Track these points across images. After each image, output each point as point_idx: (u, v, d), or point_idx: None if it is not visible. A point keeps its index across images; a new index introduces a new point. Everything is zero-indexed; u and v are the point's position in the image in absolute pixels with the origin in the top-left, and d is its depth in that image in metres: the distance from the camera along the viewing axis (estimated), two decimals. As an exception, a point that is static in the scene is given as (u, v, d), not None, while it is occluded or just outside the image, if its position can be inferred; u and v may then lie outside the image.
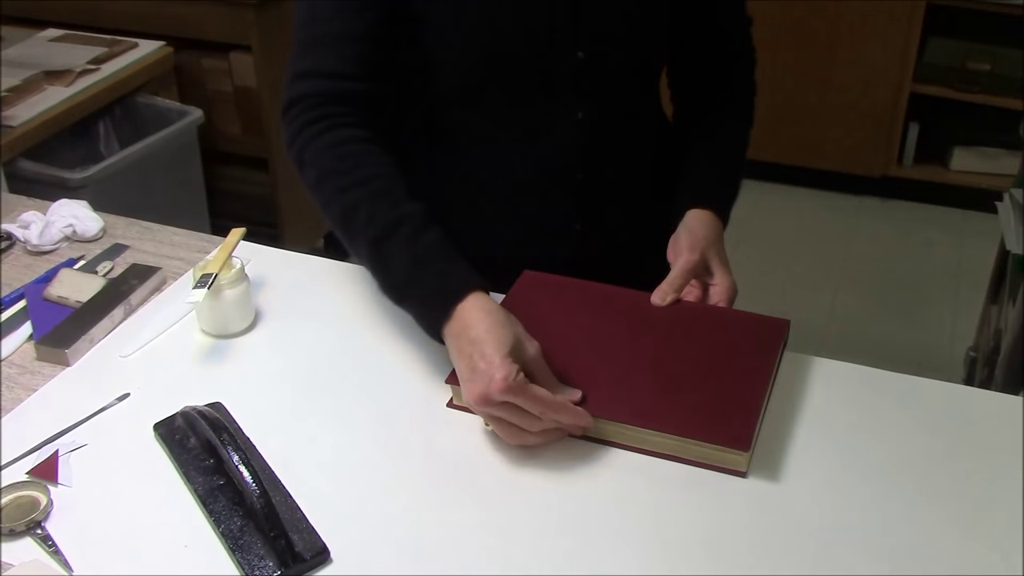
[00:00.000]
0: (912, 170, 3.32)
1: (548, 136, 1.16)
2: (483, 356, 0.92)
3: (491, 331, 0.94)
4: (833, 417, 1.01)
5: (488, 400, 0.92)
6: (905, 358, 2.66)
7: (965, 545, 0.87)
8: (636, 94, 1.22)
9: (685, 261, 1.12)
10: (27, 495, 0.91)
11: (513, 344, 0.94)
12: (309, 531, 0.87)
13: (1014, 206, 2.04)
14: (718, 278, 1.14)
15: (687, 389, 1.00)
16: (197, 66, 2.56)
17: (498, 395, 0.91)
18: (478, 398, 0.92)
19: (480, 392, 0.92)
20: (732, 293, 1.14)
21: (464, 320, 0.96)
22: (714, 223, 1.18)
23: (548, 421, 0.94)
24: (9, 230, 1.31)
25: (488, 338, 0.93)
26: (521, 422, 0.94)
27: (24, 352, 1.12)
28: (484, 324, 0.95)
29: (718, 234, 1.17)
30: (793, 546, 0.87)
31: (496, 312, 0.96)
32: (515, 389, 0.91)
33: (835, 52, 3.12)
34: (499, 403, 0.92)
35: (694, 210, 1.18)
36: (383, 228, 1.02)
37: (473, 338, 0.94)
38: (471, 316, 0.96)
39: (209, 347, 1.12)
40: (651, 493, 0.92)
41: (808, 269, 3.02)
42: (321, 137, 1.08)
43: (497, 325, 0.95)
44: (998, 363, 1.96)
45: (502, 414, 0.93)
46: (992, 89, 3.10)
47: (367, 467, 0.95)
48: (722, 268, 1.15)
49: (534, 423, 0.94)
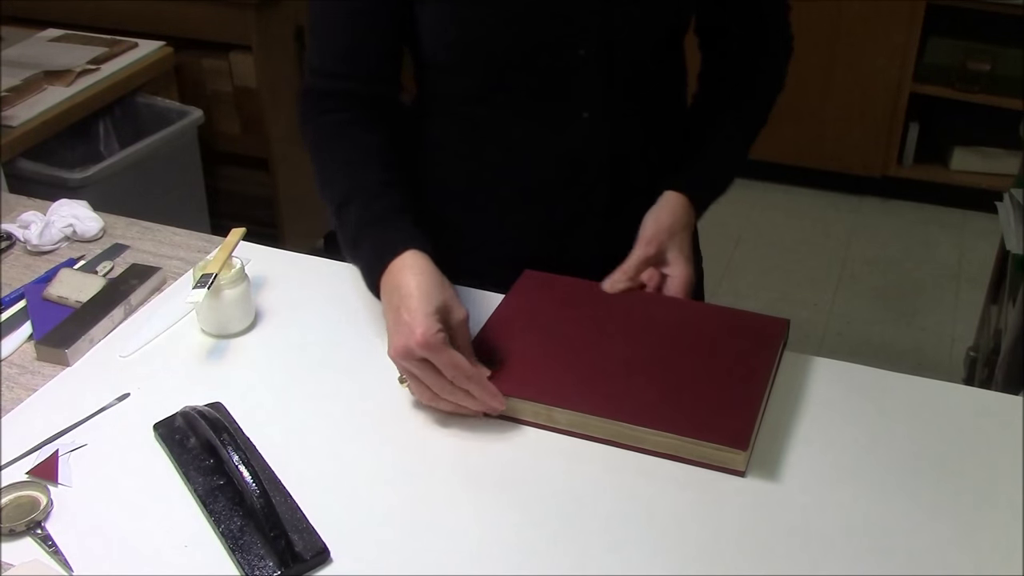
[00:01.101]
0: (912, 170, 3.32)
1: (556, 134, 1.16)
2: (408, 310, 0.96)
3: (420, 287, 0.98)
4: (832, 417, 1.01)
5: (407, 353, 0.95)
6: (905, 358, 2.66)
7: (965, 545, 0.87)
8: (644, 91, 1.20)
9: (642, 253, 1.13)
10: (27, 495, 0.91)
11: (440, 304, 0.97)
12: (309, 531, 0.87)
13: (1014, 206, 2.04)
14: (674, 269, 1.14)
15: (686, 388, 1.00)
16: (197, 66, 2.56)
17: (417, 349, 0.94)
18: (398, 350, 0.95)
19: (401, 344, 0.95)
20: (688, 286, 1.14)
21: (397, 276, 1.00)
22: (685, 210, 1.16)
23: (459, 389, 0.96)
24: (9, 230, 1.31)
25: (417, 293, 0.97)
26: (434, 383, 0.96)
27: (24, 352, 1.12)
28: (415, 280, 0.98)
29: (685, 223, 1.16)
30: (791, 546, 0.87)
31: (430, 272, 1.00)
32: (433, 346, 0.94)
33: (835, 52, 3.12)
34: (417, 359, 0.95)
35: (670, 192, 1.17)
36: (344, 195, 1.09)
37: (403, 293, 0.98)
38: (405, 272, 1.00)
39: (209, 347, 1.12)
40: (649, 492, 0.92)
41: (808, 269, 3.02)
42: (316, 120, 1.16)
43: (428, 284, 0.98)
44: (998, 363, 1.96)
45: (417, 371, 0.96)
46: (992, 89, 3.10)
47: (367, 467, 0.95)
48: (680, 259, 1.14)
49: (445, 387, 0.96)
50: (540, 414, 0.99)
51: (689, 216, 1.17)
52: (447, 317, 0.97)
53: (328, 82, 1.15)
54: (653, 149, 1.23)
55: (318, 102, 1.16)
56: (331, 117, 1.14)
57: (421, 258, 1.01)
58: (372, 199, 1.08)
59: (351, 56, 1.14)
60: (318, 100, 1.16)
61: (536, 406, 0.99)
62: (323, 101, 1.15)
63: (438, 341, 0.94)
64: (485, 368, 0.99)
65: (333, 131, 1.14)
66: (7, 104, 2.13)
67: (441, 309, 0.97)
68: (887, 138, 3.25)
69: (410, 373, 0.97)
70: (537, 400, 0.99)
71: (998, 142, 3.23)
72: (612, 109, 1.16)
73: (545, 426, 1.00)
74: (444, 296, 0.98)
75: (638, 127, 1.20)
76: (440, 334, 0.95)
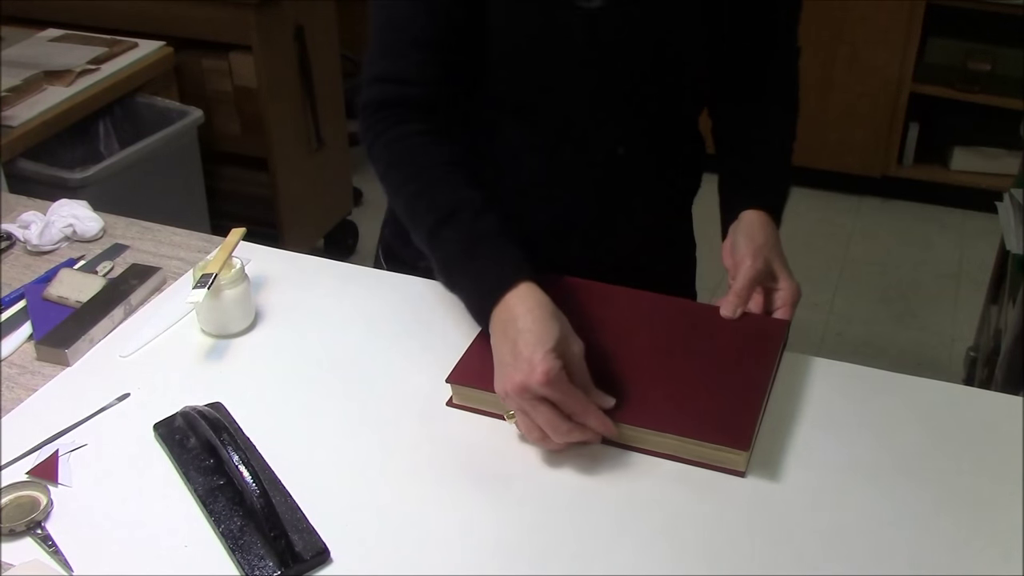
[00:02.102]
0: (912, 170, 3.32)
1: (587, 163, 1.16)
2: (527, 345, 0.92)
3: (539, 322, 0.94)
4: (832, 417, 1.01)
5: (526, 390, 0.91)
6: (905, 358, 2.66)
7: (965, 545, 0.87)
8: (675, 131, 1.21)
9: (750, 269, 1.10)
10: (27, 495, 0.91)
11: (559, 339, 0.93)
12: (309, 531, 0.87)
13: (1014, 206, 2.04)
14: (783, 283, 1.13)
15: (686, 389, 1.00)
16: (197, 66, 2.56)
17: (537, 387, 0.90)
18: (517, 387, 0.91)
19: (520, 381, 0.91)
20: (797, 297, 1.13)
21: (513, 308, 0.96)
22: (771, 225, 1.16)
23: (575, 424, 0.93)
24: (9, 230, 1.31)
25: (536, 328, 0.93)
26: (548, 422, 0.92)
27: (24, 352, 1.12)
28: (533, 315, 0.94)
29: (776, 237, 1.16)
30: (791, 546, 0.87)
31: (546, 305, 0.96)
32: (555, 384, 0.91)
33: (835, 52, 3.12)
34: (534, 396, 0.91)
35: (749, 211, 1.16)
36: (440, 213, 1.03)
37: (520, 327, 0.94)
38: (521, 305, 0.95)
39: (209, 347, 1.12)
40: (650, 492, 0.92)
41: (808, 269, 3.02)
42: (387, 133, 1.09)
43: (546, 317, 0.94)
44: (998, 363, 1.96)
45: (530, 408, 0.92)
46: (992, 89, 3.10)
47: (367, 467, 0.95)
48: (785, 272, 1.14)
49: (561, 425, 0.93)
50: (540, 414, 0.99)
51: (775, 230, 1.17)
52: (565, 352, 0.93)
53: (395, 89, 1.09)
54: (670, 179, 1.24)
55: (388, 113, 1.09)
56: (401, 130, 1.09)
57: (536, 290, 0.97)
58: (472, 219, 1.03)
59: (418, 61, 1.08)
60: (388, 111, 1.09)
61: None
62: (391, 111, 1.09)
63: (559, 379, 0.91)
64: (607, 396, 0.96)
65: (413, 143, 1.08)
66: (7, 104, 2.13)
67: (560, 343, 0.93)
68: (887, 138, 3.25)
69: (522, 411, 0.94)
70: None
71: (998, 142, 3.23)
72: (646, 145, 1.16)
73: (545, 426, 1.00)
74: (562, 328, 0.94)
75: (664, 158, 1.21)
76: (562, 371, 0.91)
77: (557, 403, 0.92)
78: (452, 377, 1.02)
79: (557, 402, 0.92)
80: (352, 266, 1.26)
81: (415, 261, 1.22)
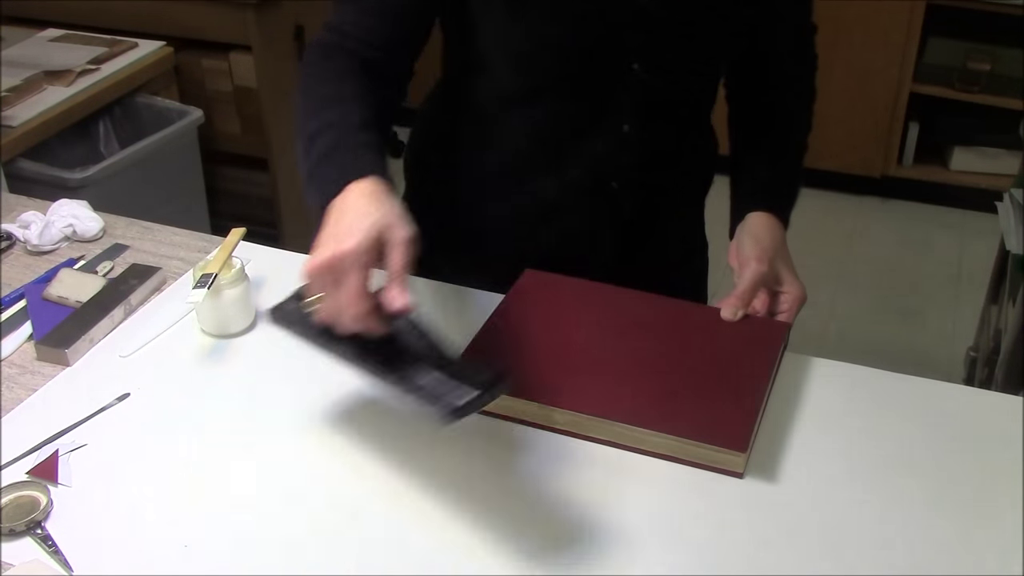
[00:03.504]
0: (912, 170, 3.32)
1: (593, 141, 1.15)
2: (345, 223, 0.88)
3: (365, 203, 0.90)
4: (832, 417, 1.01)
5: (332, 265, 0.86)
6: (905, 358, 2.66)
7: (965, 545, 0.87)
8: (685, 115, 1.21)
9: (754, 272, 1.10)
10: (27, 495, 0.91)
11: (378, 219, 0.88)
12: (477, 363, 0.86)
13: (1014, 206, 2.04)
14: (788, 286, 1.13)
15: (685, 390, 1.00)
16: (197, 66, 2.56)
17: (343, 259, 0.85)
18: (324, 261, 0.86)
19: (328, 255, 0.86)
20: (801, 301, 1.13)
21: (347, 196, 0.92)
22: (777, 228, 1.16)
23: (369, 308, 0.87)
24: (9, 230, 1.31)
25: (359, 207, 0.90)
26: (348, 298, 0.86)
27: (24, 352, 1.12)
28: (363, 199, 0.91)
29: (782, 240, 1.16)
30: (790, 547, 0.87)
31: (379, 193, 0.92)
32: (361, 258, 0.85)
33: (835, 52, 3.12)
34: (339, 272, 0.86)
35: (756, 213, 1.16)
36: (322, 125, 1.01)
37: (345, 208, 0.91)
38: (354, 192, 0.92)
39: (209, 347, 1.12)
40: (648, 493, 0.92)
41: (808, 269, 3.01)
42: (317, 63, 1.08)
43: (374, 200, 0.90)
44: (998, 363, 1.96)
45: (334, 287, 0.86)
46: (992, 89, 3.10)
47: (366, 466, 0.95)
48: (791, 276, 1.14)
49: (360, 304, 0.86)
50: (539, 414, 0.99)
51: (782, 233, 1.16)
52: (384, 232, 0.88)
53: (342, 39, 1.08)
54: (678, 166, 1.23)
55: (327, 51, 1.08)
56: (336, 63, 1.07)
57: (378, 183, 0.93)
58: (350, 130, 1.00)
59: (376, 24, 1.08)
60: (327, 49, 1.08)
61: (535, 406, 0.99)
62: (332, 51, 1.08)
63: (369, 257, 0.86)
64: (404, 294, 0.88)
65: (334, 72, 1.06)
66: (7, 104, 2.13)
67: (379, 223, 0.88)
68: (887, 138, 3.25)
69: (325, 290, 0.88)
70: (536, 400, 0.99)
71: (998, 142, 3.23)
72: (650, 124, 1.15)
73: (544, 426, 1.00)
74: (387, 212, 0.89)
75: (670, 144, 1.20)
76: (372, 250, 0.86)
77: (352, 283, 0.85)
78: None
79: (353, 282, 0.85)
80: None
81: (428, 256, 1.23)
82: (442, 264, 1.20)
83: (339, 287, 0.86)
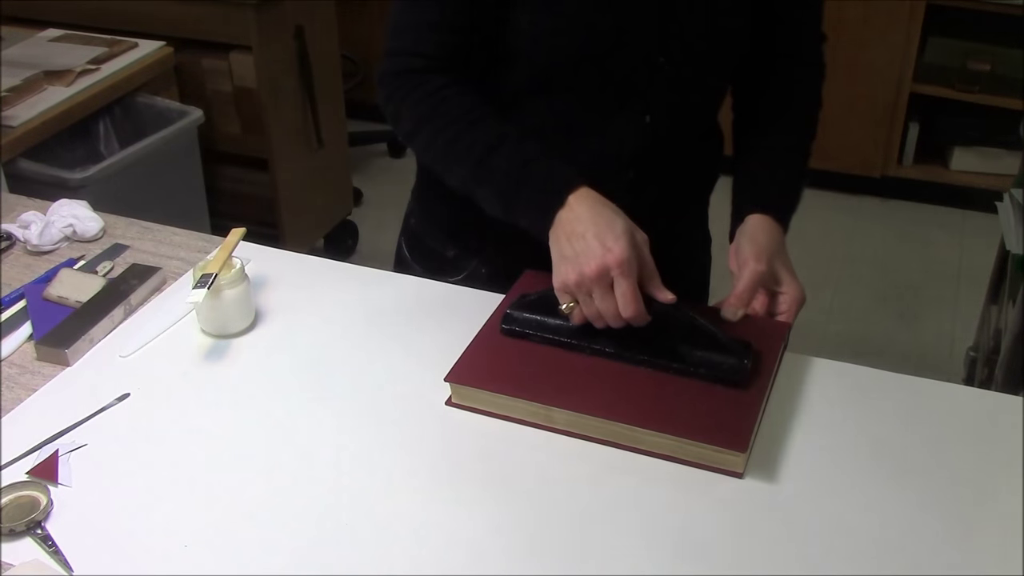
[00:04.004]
0: (912, 170, 3.32)
1: (613, 131, 1.16)
2: (601, 235, 0.98)
3: (608, 215, 1.00)
4: (832, 417, 1.01)
5: (603, 274, 0.97)
6: (905, 358, 2.66)
7: (965, 545, 0.87)
8: (703, 111, 1.22)
9: (752, 272, 1.10)
10: (27, 495, 0.91)
11: (628, 228, 1.00)
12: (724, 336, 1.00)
13: (1014, 206, 2.04)
14: (787, 286, 1.13)
15: (685, 390, 1.00)
16: (197, 66, 2.56)
17: (615, 268, 0.97)
18: (595, 270, 0.97)
19: (597, 265, 0.97)
20: (801, 301, 1.13)
21: (576, 208, 1.01)
22: (775, 229, 1.16)
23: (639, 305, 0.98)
24: (9, 230, 1.31)
25: (606, 219, 0.99)
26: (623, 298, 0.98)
27: (24, 352, 1.12)
28: (600, 210, 1.01)
29: (781, 241, 1.16)
30: (790, 547, 0.87)
31: (608, 203, 1.02)
32: (630, 266, 0.97)
33: (835, 52, 3.10)
34: (609, 280, 0.97)
35: (755, 215, 1.16)
36: (485, 147, 1.07)
37: (590, 221, 1.00)
38: (584, 204, 1.02)
39: (209, 347, 1.12)
40: (648, 493, 0.92)
41: (808, 269, 3.01)
42: (412, 94, 1.12)
43: (612, 212, 1.01)
44: (998, 363, 1.96)
45: (602, 294, 0.98)
46: (992, 89, 3.10)
47: (366, 466, 0.95)
48: (790, 276, 1.14)
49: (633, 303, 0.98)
50: (539, 414, 0.99)
51: (781, 235, 1.17)
52: (634, 240, 0.99)
53: (428, 62, 1.11)
54: (691, 160, 1.24)
55: (421, 77, 1.11)
56: (430, 85, 1.11)
57: (596, 193, 1.03)
58: (521, 142, 1.07)
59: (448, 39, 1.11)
60: (419, 76, 1.11)
61: (535, 406, 0.99)
62: (412, 76, 1.12)
63: (634, 264, 0.98)
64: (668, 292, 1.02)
65: (442, 95, 1.10)
66: (7, 104, 2.13)
67: (629, 232, 0.99)
68: (887, 138, 3.25)
69: (590, 296, 0.99)
70: (536, 400, 0.99)
71: (998, 142, 3.22)
72: (671, 117, 1.16)
73: (543, 426, 1.00)
74: (628, 222, 1.00)
75: (686, 138, 1.21)
76: (635, 257, 0.98)
77: (629, 286, 0.97)
78: (451, 376, 1.02)
79: (630, 285, 0.97)
80: (352, 266, 1.26)
81: (444, 249, 1.25)
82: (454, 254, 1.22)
83: (610, 291, 0.98)
